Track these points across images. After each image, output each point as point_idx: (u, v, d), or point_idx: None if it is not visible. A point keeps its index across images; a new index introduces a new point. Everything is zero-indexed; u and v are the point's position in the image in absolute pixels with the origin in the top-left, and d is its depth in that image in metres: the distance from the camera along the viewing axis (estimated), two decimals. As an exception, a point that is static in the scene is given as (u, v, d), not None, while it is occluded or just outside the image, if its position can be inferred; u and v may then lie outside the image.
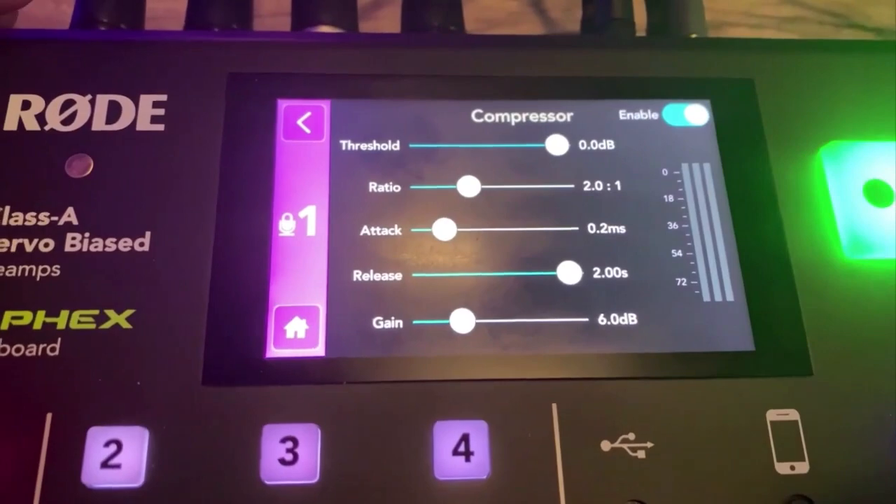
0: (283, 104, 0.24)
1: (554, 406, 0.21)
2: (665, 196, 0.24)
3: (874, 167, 0.24)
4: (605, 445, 0.21)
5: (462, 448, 0.20)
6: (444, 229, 0.23)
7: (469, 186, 0.23)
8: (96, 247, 0.22)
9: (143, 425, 0.20)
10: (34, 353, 0.21)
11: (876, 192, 0.23)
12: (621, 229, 0.23)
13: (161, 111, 0.23)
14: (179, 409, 0.20)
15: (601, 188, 0.24)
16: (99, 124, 0.23)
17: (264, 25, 0.37)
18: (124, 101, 0.24)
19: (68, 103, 0.23)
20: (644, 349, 0.22)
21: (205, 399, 0.21)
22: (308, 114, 0.24)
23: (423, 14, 0.30)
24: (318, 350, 0.21)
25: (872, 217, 0.23)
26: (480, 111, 0.24)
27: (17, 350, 0.21)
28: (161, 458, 0.20)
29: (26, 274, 0.21)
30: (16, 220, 0.22)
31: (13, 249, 0.22)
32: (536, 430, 0.21)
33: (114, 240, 0.22)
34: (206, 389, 0.21)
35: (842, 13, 0.40)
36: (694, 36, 0.29)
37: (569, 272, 0.23)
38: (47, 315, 0.21)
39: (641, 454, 0.21)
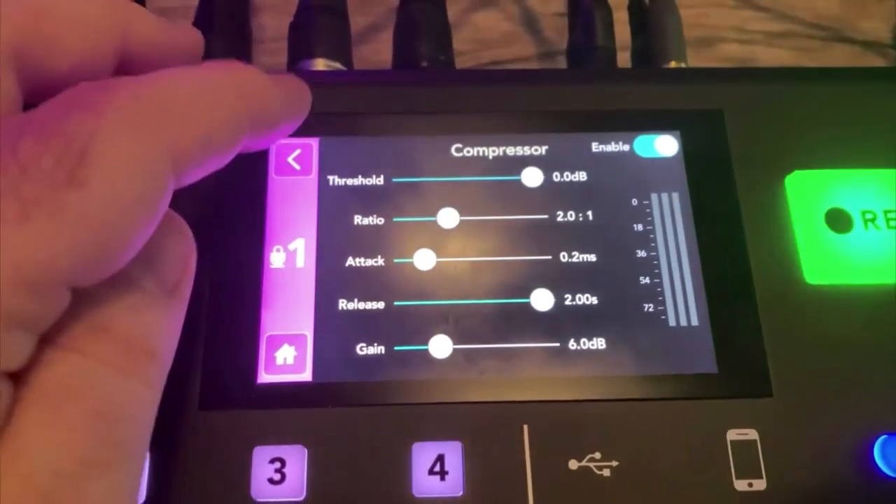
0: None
1: (525, 427, 0.23)
2: (635, 225, 0.25)
3: (836, 195, 0.25)
4: (573, 464, 0.22)
5: (437, 468, 0.22)
6: (425, 259, 0.24)
7: (448, 218, 0.25)
8: (101, 280, 0.24)
9: (144, 447, 0.22)
10: (45, 381, 0.22)
11: (837, 220, 0.24)
12: (592, 258, 0.24)
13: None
14: (178, 433, 0.22)
15: (573, 218, 0.25)
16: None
17: (268, 51, 0.38)
18: (127, 142, 0.25)
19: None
20: (612, 372, 0.23)
21: (201, 422, 0.22)
22: (298, 151, 0.26)
23: (412, 45, 0.31)
24: (306, 375, 0.23)
25: (833, 243, 0.24)
26: (460, 146, 0.26)
27: (30, 378, 0.22)
28: (160, 478, 0.22)
29: (38, 306, 0.23)
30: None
31: (26, 284, 0.23)
32: (508, 449, 0.22)
33: (117, 274, 0.24)
34: (203, 414, 0.22)
35: (832, 27, 0.41)
36: (674, 63, 0.30)
37: (541, 299, 0.24)
38: (57, 345, 0.23)
39: (607, 472, 0.22)
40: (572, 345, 0.23)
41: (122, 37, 0.19)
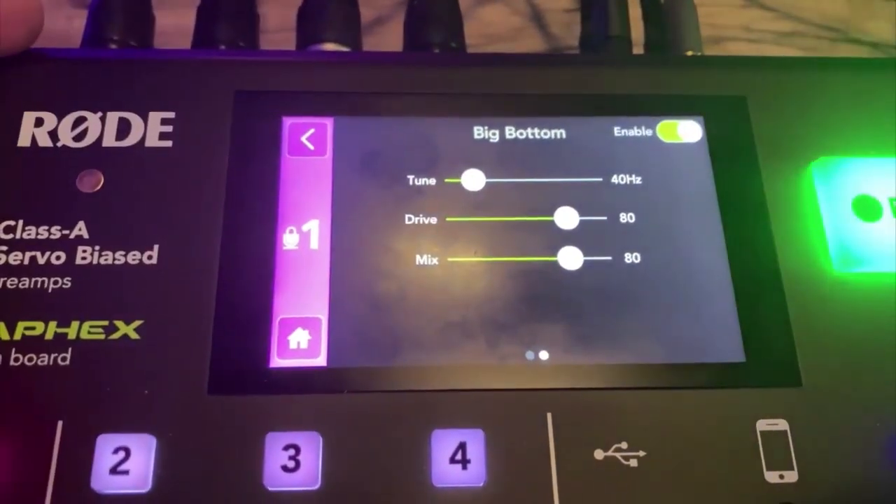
0: (288, 121, 0.25)
1: (549, 415, 0.22)
2: (660, 212, 0.24)
3: (863, 183, 0.24)
4: (599, 454, 0.21)
5: (459, 456, 0.21)
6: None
7: (474, 180, 0.24)
8: (106, 259, 0.23)
9: (150, 433, 0.21)
10: (46, 363, 0.21)
11: (864, 207, 0.24)
12: (617, 246, 0.24)
13: (169, 128, 0.24)
14: (186, 418, 0.21)
15: (594, 207, 0.24)
16: (109, 141, 0.24)
17: (271, 41, 0.38)
18: (134, 119, 0.24)
19: (80, 120, 0.24)
20: (638, 360, 0.22)
21: (210, 408, 0.21)
22: (312, 130, 0.25)
23: (424, 31, 0.31)
24: (320, 360, 0.22)
25: (861, 231, 0.24)
26: (480, 128, 0.25)
27: (30, 360, 0.21)
28: (168, 465, 0.21)
29: (39, 286, 0.22)
30: (29, 234, 0.23)
31: (26, 262, 0.22)
32: (532, 438, 0.21)
33: (123, 253, 0.23)
34: (212, 398, 0.21)
35: (839, 28, 0.41)
36: (690, 53, 0.30)
37: (567, 286, 0.23)
38: (59, 326, 0.22)
39: (634, 463, 0.21)
40: (596, 332, 0.23)
41: None
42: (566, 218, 0.24)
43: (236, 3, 0.31)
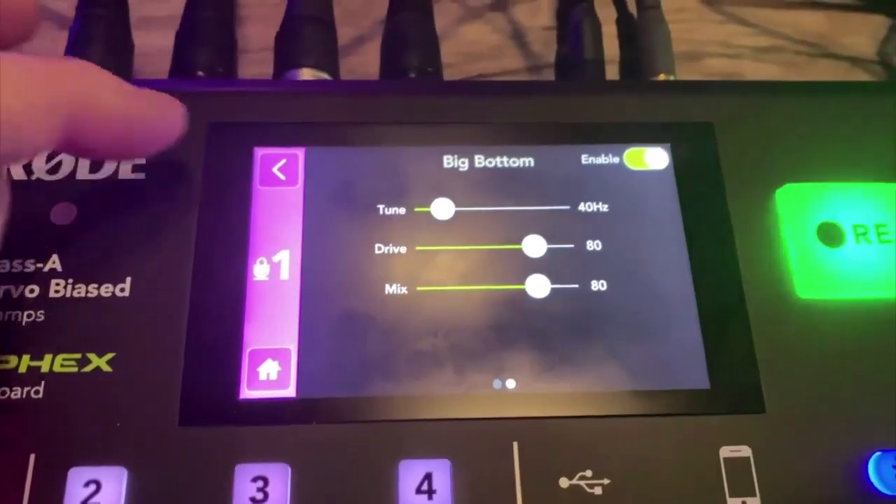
0: (260, 152, 0.25)
1: (515, 444, 0.22)
2: (625, 239, 0.24)
3: (827, 209, 0.24)
4: (564, 482, 0.22)
5: (425, 486, 0.21)
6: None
7: (443, 209, 0.25)
8: (79, 292, 0.23)
9: (121, 465, 0.21)
10: (19, 396, 0.22)
11: (829, 233, 0.24)
12: (583, 275, 0.24)
13: (142, 161, 0.25)
14: (157, 450, 0.21)
15: (562, 233, 0.25)
16: (83, 174, 0.24)
17: (253, 61, 0.38)
18: (107, 151, 0.25)
19: (54, 153, 0.25)
20: (603, 388, 0.23)
21: (181, 439, 0.22)
22: (283, 161, 0.25)
23: (400, 56, 0.31)
24: (290, 391, 0.22)
25: (825, 258, 0.24)
26: (449, 157, 0.25)
27: (3, 393, 0.22)
28: (138, 497, 0.21)
29: (12, 319, 0.23)
30: (3, 268, 0.23)
31: (0, 296, 0.23)
32: (498, 467, 0.22)
33: (96, 286, 0.23)
34: (183, 430, 0.22)
35: (817, 43, 0.41)
36: (662, 76, 0.30)
37: (533, 314, 0.24)
38: (32, 359, 0.22)
39: (598, 490, 0.22)
40: (563, 360, 0.23)
41: None
42: (534, 246, 0.24)
43: (214, 30, 0.31)
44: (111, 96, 0.19)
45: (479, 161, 0.25)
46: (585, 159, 0.25)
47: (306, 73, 0.30)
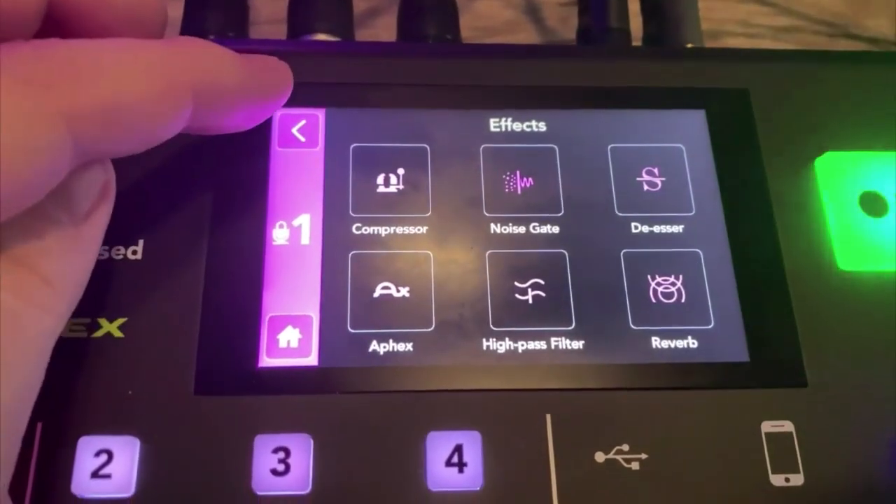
0: (279, 112, 0.24)
1: (548, 417, 0.21)
2: (662, 210, 0.24)
3: (870, 178, 0.24)
4: (599, 457, 0.21)
5: (455, 459, 0.20)
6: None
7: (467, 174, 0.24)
8: (89, 255, 0.22)
9: (134, 435, 0.20)
10: (25, 362, 0.20)
11: (872, 203, 0.23)
12: (618, 243, 0.23)
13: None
14: (171, 419, 0.20)
15: (597, 199, 0.24)
16: (93, 132, 0.23)
17: (261, 32, 0.37)
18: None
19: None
20: (639, 360, 0.22)
21: (196, 409, 0.20)
22: (303, 122, 0.24)
23: (419, 23, 0.30)
24: (311, 360, 0.21)
25: (868, 228, 0.23)
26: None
27: (8, 358, 0.20)
28: (152, 468, 0.20)
29: (18, 282, 0.21)
30: (8, 228, 0.22)
31: (5, 257, 0.21)
32: (530, 440, 0.21)
33: (106, 248, 0.22)
34: (198, 399, 0.21)
35: (837, 23, 0.40)
36: (690, 46, 0.29)
37: (565, 284, 0.23)
38: (39, 323, 0.21)
39: (635, 465, 0.21)
40: (598, 331, 0.22)
41: None
42: (567, 217, 0.23)
43: (225, -6, 0.30)
44: (231, 71, 0.19)
45: (507, 124, 0.24)
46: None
47: (322, 38, 0.29)
